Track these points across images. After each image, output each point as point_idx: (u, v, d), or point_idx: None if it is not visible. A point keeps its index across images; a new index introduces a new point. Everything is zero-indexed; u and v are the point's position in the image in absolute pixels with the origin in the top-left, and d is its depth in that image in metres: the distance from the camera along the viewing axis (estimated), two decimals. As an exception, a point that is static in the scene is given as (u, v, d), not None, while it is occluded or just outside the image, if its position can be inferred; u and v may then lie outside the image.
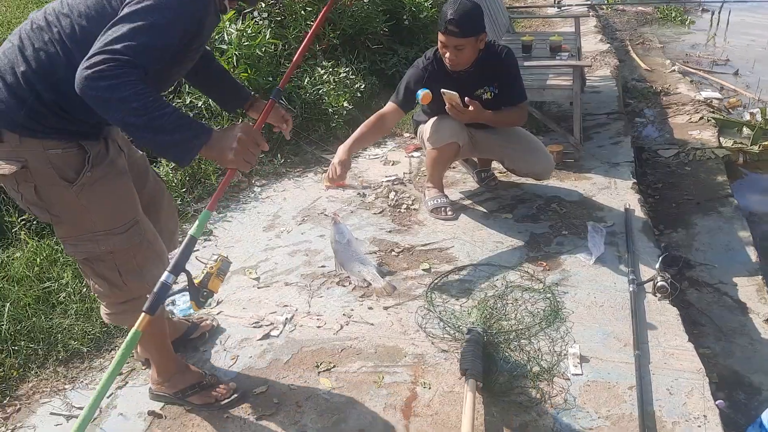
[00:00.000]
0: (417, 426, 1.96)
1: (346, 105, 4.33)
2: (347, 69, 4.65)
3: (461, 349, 2.16)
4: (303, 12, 4.68)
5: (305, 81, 4.33)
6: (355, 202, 3.46)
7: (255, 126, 1.70)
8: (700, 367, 2.12)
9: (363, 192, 3.55)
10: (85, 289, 2.61)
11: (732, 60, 6.66)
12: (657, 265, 2.60)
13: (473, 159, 3.61)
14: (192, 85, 2.70)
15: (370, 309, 2.53)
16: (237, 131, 1.56)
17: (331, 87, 4.41)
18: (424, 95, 2.86)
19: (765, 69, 6.21)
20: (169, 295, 1.51)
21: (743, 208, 3.65)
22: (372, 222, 3.23)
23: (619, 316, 2.40)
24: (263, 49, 4.09)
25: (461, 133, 3.11)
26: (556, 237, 2.98)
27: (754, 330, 2.67)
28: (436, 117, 3.10)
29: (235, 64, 3.95)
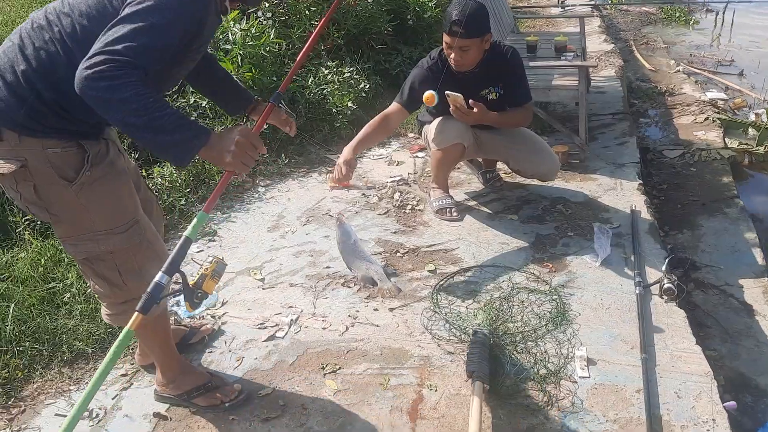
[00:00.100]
0: (423, 429, 1.95)
1: (350, 105, 4.32)
2: (351, 69, 4.64)
3: (467, 351, 2.16)
4: (307, 12, 4.68)
5: (309, 81, 4.33)
6: (360, 202, 3.45)
7: (254, 129, 1.70)
8: (708, 370, 2.11)
9: (367, 192, 3.54)
10: (90, 290, 2.60)
11: (737, 60, 6.63)
12: (664, 267, 2.59)
13: (478, 160, 3.59)
14: (194, 88, 2.71)
15: (375, 310, 2.52)
16: (235, 134, 1.57)
17: (336, 87, 4.39)
18: (427, 97, 2.84)
19: (770, 70, 6.19)
20: (164, 296, 1.51)
21: (749, 209, 3.63)
22: (377, 223, 3.22)
23: (626, 318, 2.39)
24: (267, 49, 4.08)
25: (466, 134, 3.09)
26: (561, 238, 2.97)
27: (760, 332, 2.66)
28: (440, 118, 3.09)
29: (240, 63, 3.95)
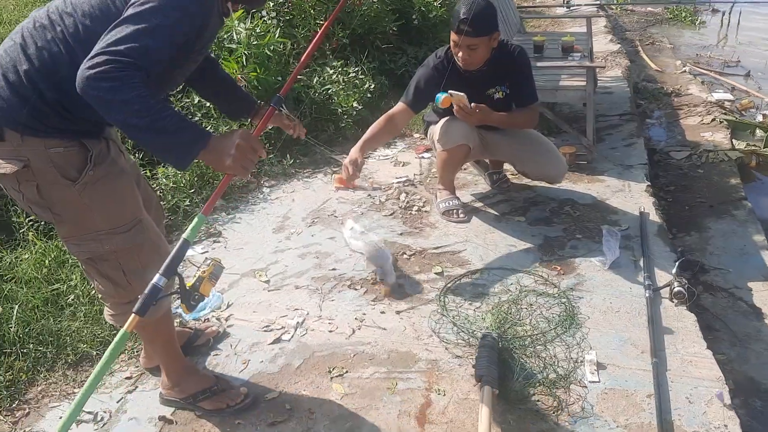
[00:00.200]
0: (432, 434, 1.93)
1: (355, 105, 4.30)
2: (356, 69, 4.62)
3: (476, 355, 2.13)
4: (312, 11, 4.66)
5: (314, 81, 4.30)
6: (366, 203, 3.42)
7: (254, 133, 1.69)
8: (719, 375, 2.09)
9: (373, 193, 3.52)
10: (94, 291, 2.58)
11: (743, 61, 6.60)
12: (674, 270, 2.56)
13: (485, 161, 3.57)
14: (197, 92, 2.72)
15: (382, 313, 2.50)
16: (236, 137, 1.56)
17: (341, 87, 4.38)
18: (444, 99, 2.80)
19: (777, 71, 6.16)
20: (161, 298, 1.50)
21: (757, 211, 3.60)
22: (383, 224, 3.20)
23: (636, 322, 2.36)
24: (272, 49, 4.06)
25: (471, 135, 3.07)
26: (570, 240, 2.94)
27: (770, 336, 2.63)
28: (446, 118, 3.06)
29: (244, 63, 3.93)
